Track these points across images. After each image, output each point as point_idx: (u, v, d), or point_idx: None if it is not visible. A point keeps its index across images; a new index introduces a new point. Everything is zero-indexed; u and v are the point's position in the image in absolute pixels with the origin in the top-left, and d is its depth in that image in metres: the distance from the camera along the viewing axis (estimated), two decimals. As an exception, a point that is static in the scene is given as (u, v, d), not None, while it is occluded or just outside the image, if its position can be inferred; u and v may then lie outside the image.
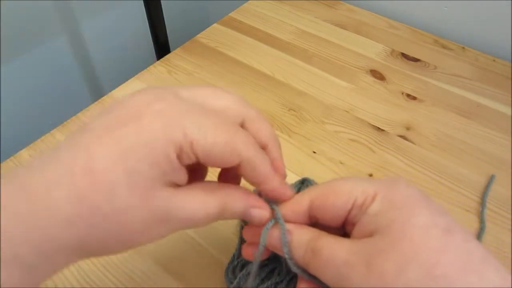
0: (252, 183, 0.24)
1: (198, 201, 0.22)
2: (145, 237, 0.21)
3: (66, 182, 0.19)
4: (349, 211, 0.23)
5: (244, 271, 0.29)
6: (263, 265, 0.29)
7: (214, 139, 0.21)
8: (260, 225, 0.24)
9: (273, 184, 0.24)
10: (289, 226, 0.24)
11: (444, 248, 0.19)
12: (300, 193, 0.25)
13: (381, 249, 0.20)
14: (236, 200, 0.23)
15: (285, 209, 0.24)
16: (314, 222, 0.25)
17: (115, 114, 0.21)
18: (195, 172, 0.25)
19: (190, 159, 0.21)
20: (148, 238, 0.21)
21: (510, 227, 0.38)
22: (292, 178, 0.39)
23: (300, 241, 0.23)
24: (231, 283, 0.30)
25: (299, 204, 0.24)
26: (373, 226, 0.21)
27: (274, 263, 0.29)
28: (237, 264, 0.31)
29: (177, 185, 0.21)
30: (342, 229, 0.24)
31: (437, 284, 0.18)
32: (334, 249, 0.22)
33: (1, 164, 0.42)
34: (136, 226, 0.20)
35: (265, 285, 0.27)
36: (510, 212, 0.39)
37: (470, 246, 0.20)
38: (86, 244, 0.20)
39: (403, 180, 0.23)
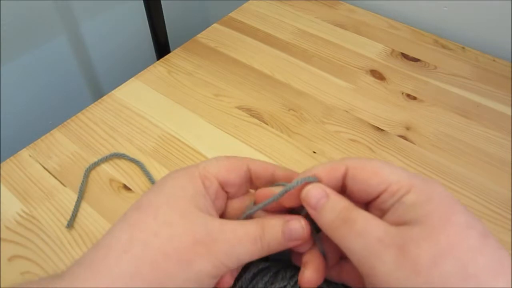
0: (266, 181, 0.28)
1: (236, 222, 0.25)
2: (195, 261, 0.23)
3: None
4: (379, 194, 0.23)
5: (246, 274, 0.29)
6: (265, 267, 0.29)
7: (219, 158, 0.28)
8: (304, 234, 0.25)
9: (281, 169, 0.28)
10: (327, 190, 0.24)
11: (481, 249, 0.20)
12: (338, 160, 0.26)
13: (418, 238, 0.20)
14: (272, 218, 0.26)
15: (321, 169, 0.25)
16: (342, 191, 0.25)
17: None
18: None
19: (210, 182, 0.26)
20: (199, 264, 0.23)
21: (510, 227, 0.38)
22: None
23: (335, 206, 0.24)
24: (233, 283, 0.30)
25: (335, 168, 0.25)
26: (409, 216, 0.21)
27: (277, 266, 0.28)
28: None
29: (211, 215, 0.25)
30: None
31: (467, 283, 0.19)
32: (370, 224, 0.22)
33: (1, 164, 0.42)
34: (183, 242, 0.23)
35: (272, 286, 0.27)
36: (510, 212, 0.39)
37: (502, 252, 0.20)
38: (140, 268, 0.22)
39: (439, 183, 0.24)
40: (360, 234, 0.22)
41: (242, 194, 0.29)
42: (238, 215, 0.28)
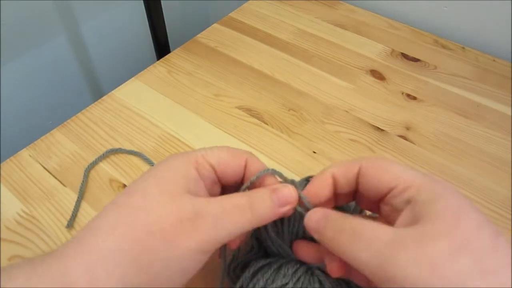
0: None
1: (223, 196, 0.25)
2: (180, 238, 0.23)
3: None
4: (390, 191, 0.24)
5: (246, 272, 0.29)
6: (266, 264, 0.29)
7: (221, 149, 0.27)
8: (293, 197, 0.26)
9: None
10: (325, 211, 0.25)
11: (495, 247, 0.20)
12: (353, 159, 0.26)
13: (433, 234, 0.20)
14: (260, 189, 0.26)
15: (337, 170, 0.26)
16: (350, 195, 0.26)
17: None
18: None
19: (206, 170, 0.26)
20: (185, 241, 0.23)
21: (510, 227, 0.38)
22: (293, 178, 0.39)
23: (335, 223, 0.24)
24: (234, 282, 0.30)
25: (350, 168, 0.25)
26: (421, 213, 0.21)
27: (279, 262, 0.28)
28: (238, 265, 0.31)
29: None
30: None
31: (485, 278, 0.19)
32: (376, 230, 0.22)
33: (1, 164, 0.42)
34: (169, 221, 0.23)
35: (274, 285, 0.27)
36: (510, 212, 0.39)
37: None
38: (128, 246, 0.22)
39: (447, 182, 0.24)
40: (367, 242, 0.22)
41: (236, 186, 0.29)
42: None
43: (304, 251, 0.27)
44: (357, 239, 0.22)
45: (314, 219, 0.25)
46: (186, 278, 0.24)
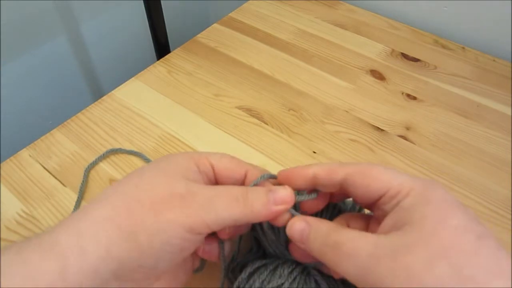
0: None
1: (219, 186, 0.26)
2: (168, 211, 0.23)
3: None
4: (380, 197, 0.23)
5: (243, 273, 0.29)
6: (262, 265, 0.29)
7: (224, 155, 0.28)
8: (288, 198, 0.25)
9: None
10: (307, 219, 0.25)
11: (476, 252, 0.19)
12: (337, 163, 0.26)
13: (410, 243, 0.20)
14: (258, 187, 0.26)
15: (320, 170, 0.26)
16: (342, 194, 0.26)
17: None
18: None
19: (205, 167, 0.26)
20: (172, 214, 0.23)
21: (510, 227, 0.38)
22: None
23: (318, 233, 0.24)
24: (232, 283, 0.30)
25: (334, 172, 0.25)
26: (404, 219, 0.21)
27: (275, 263, 0.28)
28: (237, 265, 0.31)
29: None
30: (365, 223, 0.26)
31: (464, 285, 0.18)
32: (357, 242, 0.22)
33: (1, 164, 0.42)
34: (160, 194, 0.23)
35: (270, 285, 0.27)
36: (510, 212, 0.39)
37: (500, 254, 0.20)
38: (119, 218, 0.23)
39: (441, 185, 0.23)
40: (349, 255, 0.22)
41: None
42: None
43: (300, 251, 0.27)
44: (340, 252, 0.22)
45: (297, 229, 0.25)
46: (173, 259, 0.24)
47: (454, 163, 0.43)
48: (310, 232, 0.24)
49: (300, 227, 0.25)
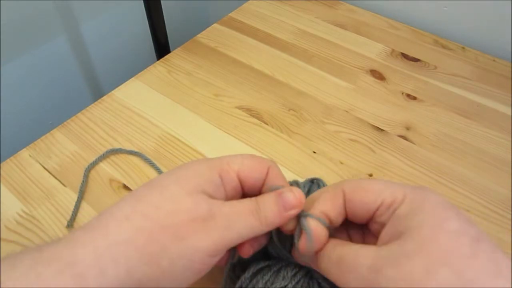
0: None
1: (235, 201, 0.25)
2: (191, 237, 0.23)
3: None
4: (377, 209, 0.24)
5: (246, 273, 0.29)
6: (265, 266, 0.29)
7: (245, 156, 0.27)
8: (297, 201, 0.25)
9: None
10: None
11: (474, 255, 0.20)
12: (332, 186, 0.26)
13: (410, 251, 0.20)
14: (266, 195, 0.26)
15: (326, 203, 0.25)
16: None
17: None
18: None
19: (230, 176, 0.26)
20: (195, 240, 0.23)
21: (510, 227, 0.38)
22: (293, 178, 0.39)
23: (324, 251, 0.24)
24: (233, 282, 0.30)
25: (336, 196, 0.25)
26: (401, 228, 0.22)
27: (278, 265, 0.28)
28: (237, 264, 0.31)
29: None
30: (363, 232, 0.26)
31: (466, 287, 0.19)
32: (358, 255, 0.22)
33: (1, 164, 0.42)
34: (182, 218, 0.23)
35: (273, 287, 0.27)
36: (510, 212, 0.39)
37: (497, 255, 0.20)
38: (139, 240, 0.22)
39: (431, 189, 0.24)
40: (351, 268, 0.22)
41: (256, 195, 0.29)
42: None
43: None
44: (343, 266, 0.22)
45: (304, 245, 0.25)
46: (191, 281, 0.24)
47: (454, 163, 0.43)
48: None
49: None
